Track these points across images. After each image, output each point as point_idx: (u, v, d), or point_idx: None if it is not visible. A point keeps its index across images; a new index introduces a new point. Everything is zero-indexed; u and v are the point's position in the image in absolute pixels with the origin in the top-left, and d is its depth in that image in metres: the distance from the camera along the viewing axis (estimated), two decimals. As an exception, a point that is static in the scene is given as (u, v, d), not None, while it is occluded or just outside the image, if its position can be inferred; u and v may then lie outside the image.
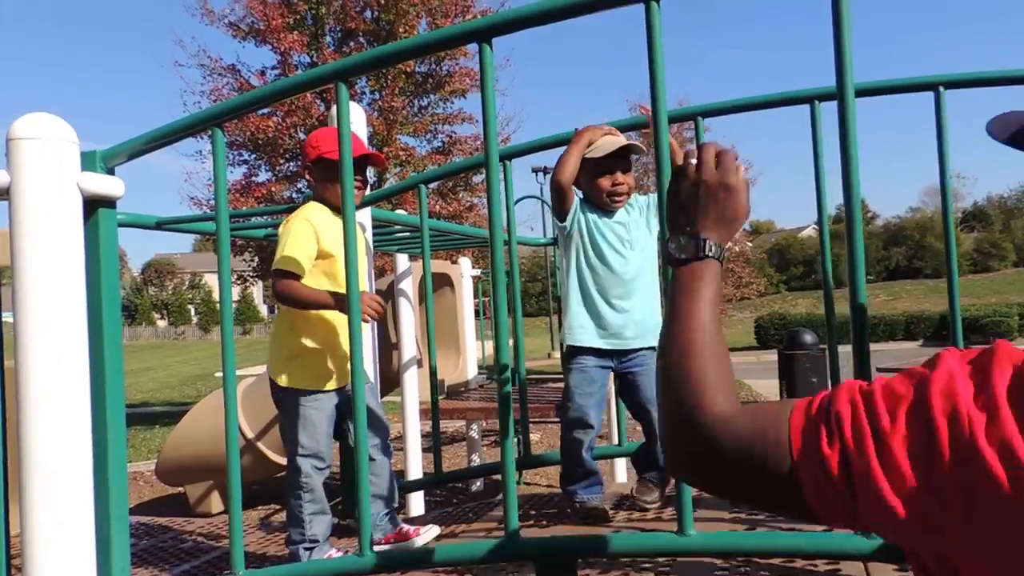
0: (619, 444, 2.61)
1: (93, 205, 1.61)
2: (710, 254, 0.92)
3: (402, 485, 3.29)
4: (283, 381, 2.45)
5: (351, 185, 1.57)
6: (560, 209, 2.49)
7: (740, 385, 17.41)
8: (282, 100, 1.95)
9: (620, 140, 2.47)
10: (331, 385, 2.48)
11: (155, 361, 27.23)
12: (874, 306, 40.58)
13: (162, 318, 63.62)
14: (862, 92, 2.34)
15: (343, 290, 2.31)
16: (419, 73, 12.23)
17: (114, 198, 1.65)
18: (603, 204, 2.51)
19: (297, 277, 2.36)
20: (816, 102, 2.29)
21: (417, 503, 5.03)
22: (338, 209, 2.47)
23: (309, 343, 2.44)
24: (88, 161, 1.62)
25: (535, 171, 19.78)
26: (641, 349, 2.47)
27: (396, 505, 2.58)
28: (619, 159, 2.47)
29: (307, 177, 2.53)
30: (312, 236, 2.37)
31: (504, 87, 13.90)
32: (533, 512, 2.58)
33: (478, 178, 12.85)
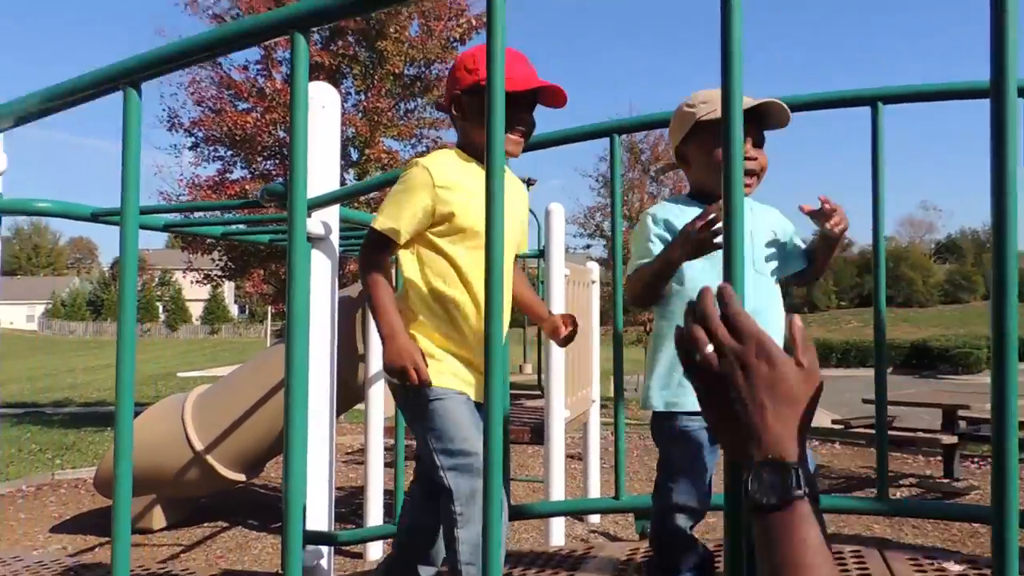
0: (616, 498, 2.17)
1: (-33, 176, 1.26)
2: (800, 492, 0.68)
3: (363, 535, 2.89)
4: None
5: (303, 162, 1.22)
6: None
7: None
8: (220, 54, 1.55)
9: (747, 100, 1.67)
10: (468, 390, 1.81)
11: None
12: (846, 332, 41.02)
13: (130, 314, 62.04)
14: (802, 106, 2.03)
15: (475, 282, 1.73)
16: (407, 75, 11.92)
17: (-3, 168, 1.29)
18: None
19: (393, 245, 1.77)
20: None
21: (375, 550, 4.68)
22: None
23: (431, 336, 1.80)
24: (-35, 122, 1.26)
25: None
26: None
27: None
28: (756, 123, 1.75)
29: (452, 112, 1.86)
30: (428, 193, 1.75)
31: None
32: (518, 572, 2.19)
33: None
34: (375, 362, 4.52)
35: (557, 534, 4.65)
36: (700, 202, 1.77)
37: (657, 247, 1.76)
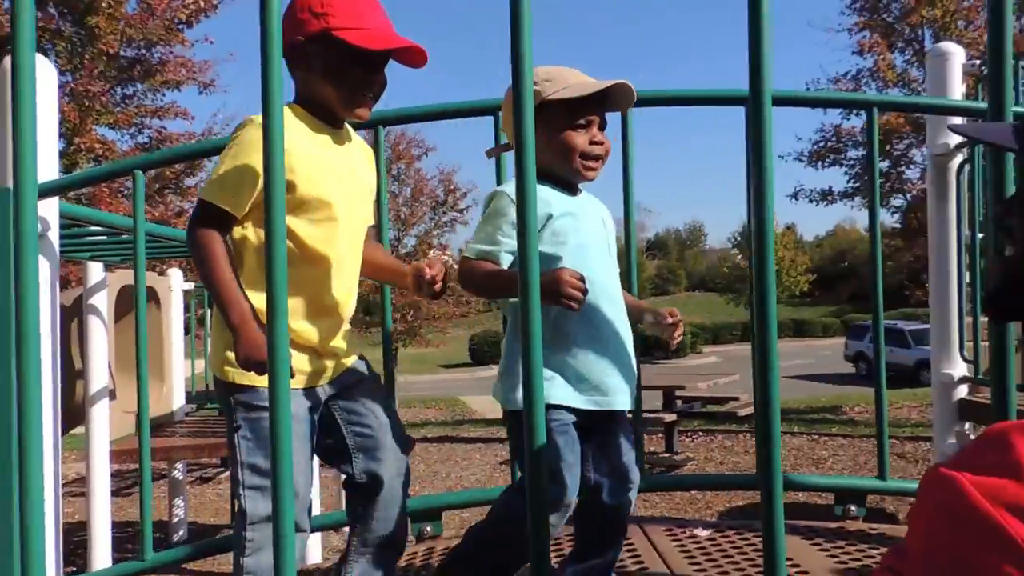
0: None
1: None
2: None
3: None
4: (224, 374, 1.56)
5: (31, 139, 1.01)
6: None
7: (455, 401, 17.53)
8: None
9: (597, 83, 1.65)
10: (298, 382, 1.55)
11: None
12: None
13: None
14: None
15: (320, 260, 1.56)
16: (124, 57, 10.71)
17: None
18: (570, 174, 1.69)
19: (229, 219, 1.51)
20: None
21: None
22: (337, 120, 1.63)
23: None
24: None
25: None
26: (624, 411, 1.73)
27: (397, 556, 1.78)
28: (601, 105, 1.69)
29: (291, 61, 1.59)
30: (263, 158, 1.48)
31: (227, 83, 12.68)
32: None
33: (192, 180, 11.55)
34: (97, 379, 3.98)
35: (313, 549, 4.45)
36: (552, 184, 1.66)
37: (508, 242, 1.62)
